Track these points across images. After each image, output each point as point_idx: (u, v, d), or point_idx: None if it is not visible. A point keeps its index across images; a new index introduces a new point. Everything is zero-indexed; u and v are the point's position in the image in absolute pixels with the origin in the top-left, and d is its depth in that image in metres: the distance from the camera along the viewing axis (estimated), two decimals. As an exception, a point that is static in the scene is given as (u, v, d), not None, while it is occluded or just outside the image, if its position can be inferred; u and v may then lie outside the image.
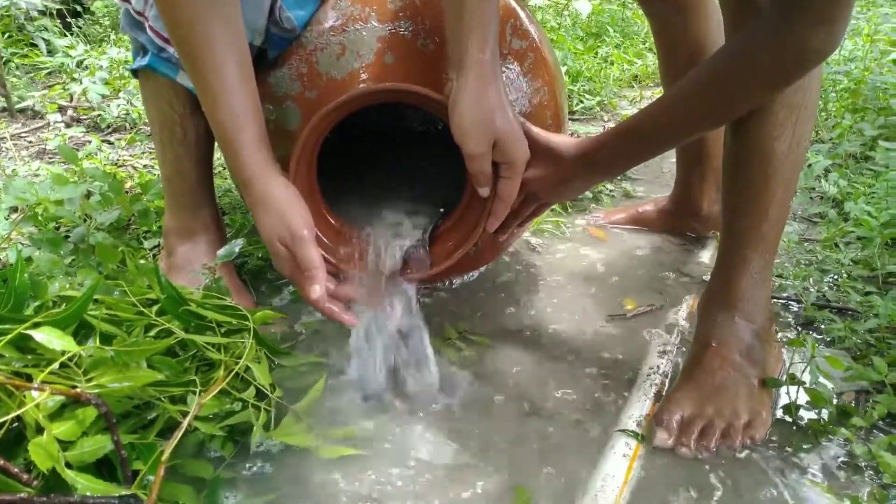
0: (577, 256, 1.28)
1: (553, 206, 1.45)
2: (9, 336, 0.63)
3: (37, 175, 1.51)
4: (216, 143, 1.02)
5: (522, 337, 1.02)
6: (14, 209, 1.22)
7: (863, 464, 0.76)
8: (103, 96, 2.00)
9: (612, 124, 2.26)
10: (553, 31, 3.02)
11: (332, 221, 0.94)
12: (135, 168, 1.60)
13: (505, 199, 0.84)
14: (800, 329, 1.03)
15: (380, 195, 1.05)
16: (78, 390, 0.59)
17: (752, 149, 0.82)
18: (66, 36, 2.63)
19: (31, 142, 1.79)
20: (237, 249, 0.93)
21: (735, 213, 0.86)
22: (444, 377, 0.88)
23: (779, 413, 0.84)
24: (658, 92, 2.56)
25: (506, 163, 0.81)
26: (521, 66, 0.93)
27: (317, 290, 0.78)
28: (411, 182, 1.11)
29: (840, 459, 0.77)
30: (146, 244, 1.18)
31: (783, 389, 0.87)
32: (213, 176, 1.06)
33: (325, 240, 0.90)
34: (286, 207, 0.79)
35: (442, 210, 0.98)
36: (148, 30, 0.90)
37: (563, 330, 1.04)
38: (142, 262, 0.99)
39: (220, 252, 0.94)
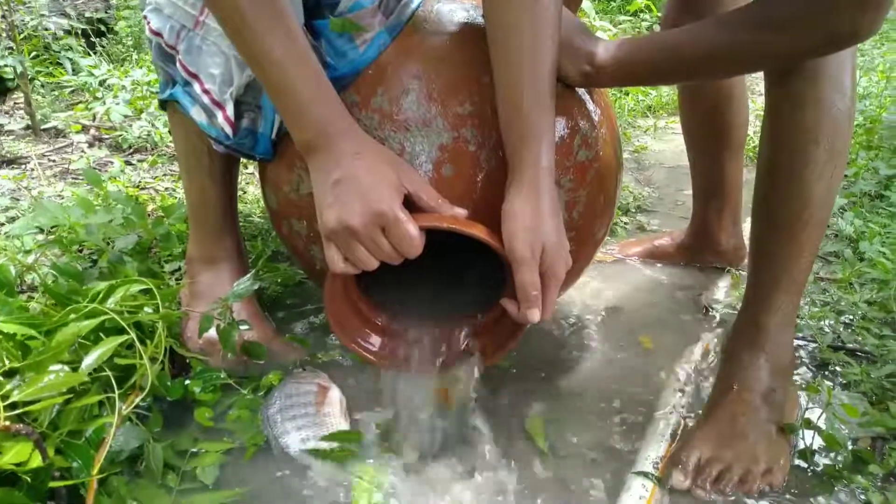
0: (591, 289, 1.29)
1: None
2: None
3: (61, 196, 1.54)
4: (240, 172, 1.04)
5: (535, 373, 1.02)
6: (40, 230, 1.24)
7: (879, 513, 0.76)
8: (125, 116, 2.03)
9: (626, 154, 2.28)
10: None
11: (378, 322, 0.92)
12: (156, 191, 1.63)
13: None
14: (814, 370, 1.03)
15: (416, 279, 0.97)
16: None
17: (790, 192, 0.83)
18: (90, 55, 2.67)
19: (54, 161, 1.82)
20: (248, 283, 0.94)
21: (768, 257, 0.87)
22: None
23: (794, 458, 0.84)
24: (672, 122, 2.58)
25: (545, 273, 0.80)
26: (581, 179, 0.89)
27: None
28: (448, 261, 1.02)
29: (857, 507, 0.77)
30: (167, 268, 1.19)
31: (798, 434, 0.87)
32: (237, 205, 1.08)
33: (371, 346, 0.90)
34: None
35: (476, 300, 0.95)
36: (177, 63, 0.93)
37: (576, 365, 1.04)
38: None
39: (236, 288, 0.94)
